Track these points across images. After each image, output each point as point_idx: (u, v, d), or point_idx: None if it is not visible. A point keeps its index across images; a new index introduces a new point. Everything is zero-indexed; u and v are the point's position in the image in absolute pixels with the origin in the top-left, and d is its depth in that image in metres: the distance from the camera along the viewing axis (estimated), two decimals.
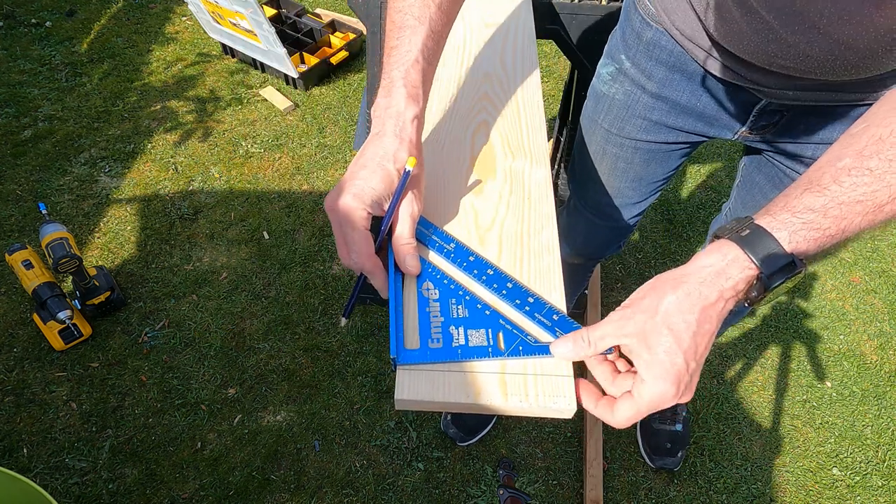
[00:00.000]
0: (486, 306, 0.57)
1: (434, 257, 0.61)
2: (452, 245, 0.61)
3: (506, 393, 0.51)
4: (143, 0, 2.75)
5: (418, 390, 0.51)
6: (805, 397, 1.69)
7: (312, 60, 2.39)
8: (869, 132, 0.46)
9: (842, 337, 1.82)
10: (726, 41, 0.70)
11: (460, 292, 0.58)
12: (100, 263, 1.80)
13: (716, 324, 0.48)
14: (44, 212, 1.63)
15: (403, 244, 0.57)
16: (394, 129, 0.57)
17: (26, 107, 2.22)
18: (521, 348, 0.54)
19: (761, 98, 0.77)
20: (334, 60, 2.44)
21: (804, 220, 0.46)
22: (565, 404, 0.51)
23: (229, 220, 1.95)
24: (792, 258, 0.46)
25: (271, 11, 2.55)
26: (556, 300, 0.58)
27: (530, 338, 0.55)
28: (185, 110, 2.29)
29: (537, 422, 1.59)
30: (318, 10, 2.71)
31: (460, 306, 0.57)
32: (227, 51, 2.52)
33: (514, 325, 0.56)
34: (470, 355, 0.53)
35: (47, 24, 2.56)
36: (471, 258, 0.60)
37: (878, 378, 1.73)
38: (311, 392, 1.60)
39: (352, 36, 2.52)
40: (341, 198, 0.55)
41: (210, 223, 1.94)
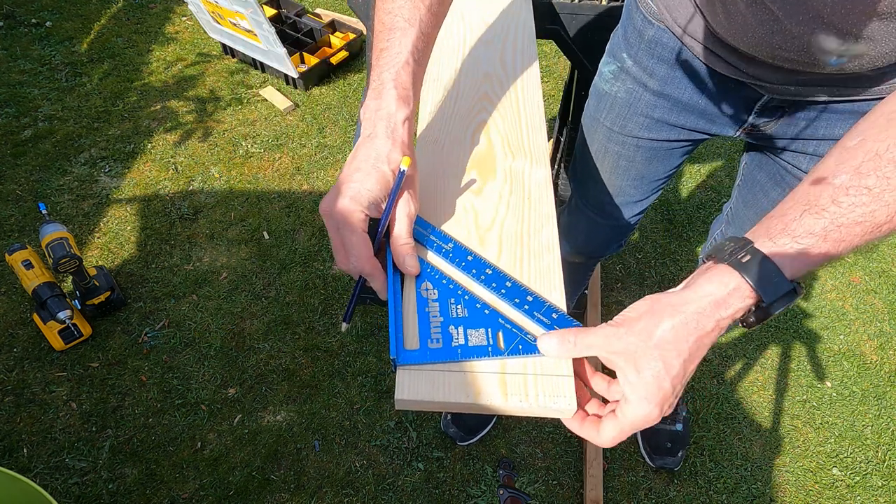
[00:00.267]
0: (486, 306, 0.57)
1: (432, 257, 0.61)
2: (451, 245, 0.61)
3: (506, 393, 0.51)
4: (143, 0, 2.75)
5: (418, 390, 0.51)
6: (805, 397, 1.69)
7: (312, 60, 2.39)
8: (865, 147, 0.46)
9: (842, 337, 1.82)
10: (730, 35, 0.70)
11: (459, 292, 0.58)
12: (100, 263, 1.80)
13: (706, 350, 0.48)
14: (44, 212, 1.63)
15: (402, 244, 0.57)
16: (385, 131, 0.57)
17: (26, 107, 2.22)
18: (520, 347, 0.54)
19: (763, 94, 0.77)
20: (334, 60, 2.44)
21: (804, 245, 0.45)
22: (565, 404, 0.51)
23: (229, 220, 1.95)
24: (794, 286, 0.46)
25: (271, 11, 2.55)
26: (557, 300, 0.58)
27: (530, 336, 0.55)
28: (185, 110, 2.29)
29: (537, 422, 1.59)
30: (318, 10, 2.71)
31: (459, 306, 0.56)
32: (227, 51, 2.52)
33: (514, 324, 0.56)
34: (470, 355, 0.53)
35: (47, 24, 2.56)
36: (469, 258, 0.60)
37: (878, 378, 1.73)
38: (311, 392, 1.60)
39: (352, 36, 2.52)
40: (338, 201, 0.54)
41: (210, 223, 1.94)
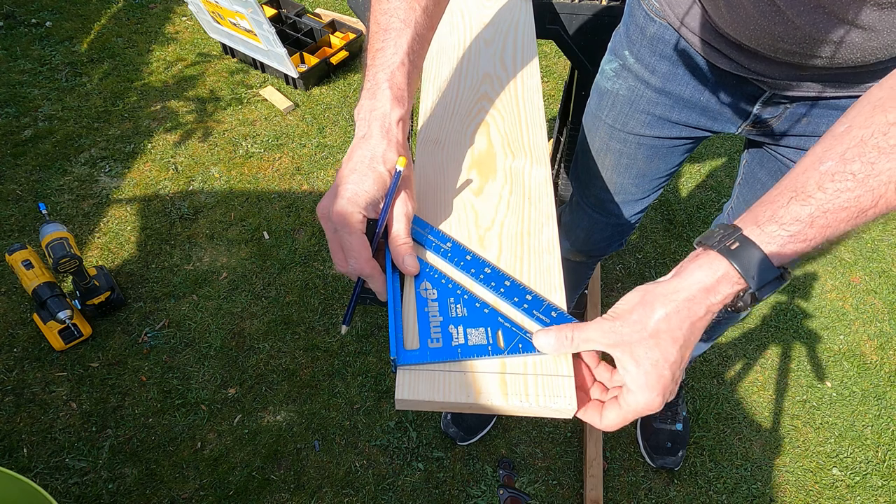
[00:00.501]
0: (485, 305, 0.57)
1: (431, 257, 0.61)
2: (449, 244, 0.61)
3: (506, 393, 0.51)
4: (143, 0, 2.75)
5: (418, 390, 0.51)
6: (805, 397, 1.69)
7: (312, 60, 2.39)
8: (851, 133, 0.46)
9: (842, 337, 1.81)
10: (732, 27, 0.70)
11: (458, 291, 0.58)
12: (100, 263, 1.80)
13: (700, 334, 0.49)
14: (44, 212, 1.63)
15: (401, 244, 0.57)
16: (380, 131, 0.56)
17: (26, 107, 2.22)
18: (520, 346, 0.54)
19: (765, 90, 0.77)
20: (334, 60, 2.44)
21: (791, 231, 0.46)
22: (565, 404, 0.51)
23: (229, 220, 1.95)
24: (781, 272, 0.47)
25: (271, 11, 2.55)
26: (557, 300, 0.58)
27: (529, 335, 0.55)
28: (185, 110, 2.29)
29: (537, 422, 1.59)
30: (318, 10, 2.71)
31: (459, 305, 0.57)
32: (227, 51, 2.52)
33: (514, 322, 0.56)
34: (470, 354, 0.53)
35: (47, 24, 2.56)
36: (468, 257, 0.60)
37: (878, 378, 1.73)
38: (311, 392, 1.60)
39: (352, 36, 2.52)
40: (335, 203, 0.54)
41: (210, 223, 1.94)
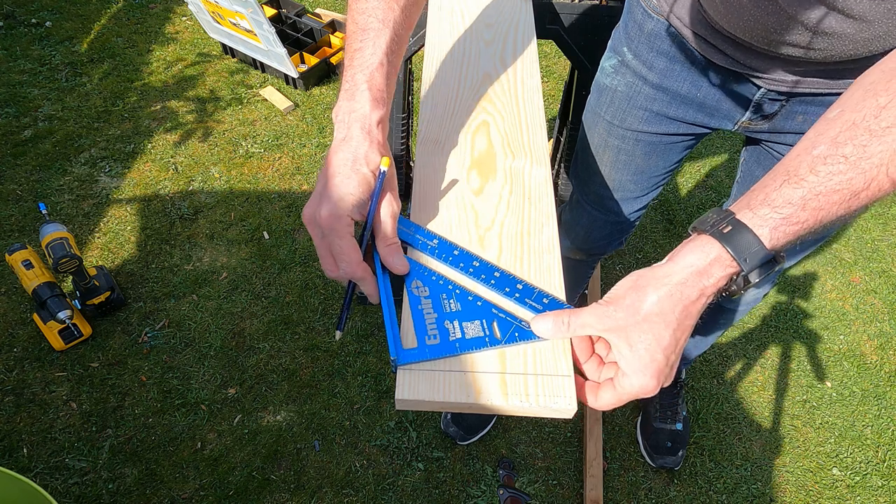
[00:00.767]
0: (478, 298, 0.57)
1: (419, 255, 0.61)
2: (435, 241, 0.61)
3: (506, 393, 0.51)
4: (143, 0, 2.75)
5: (418, 390, 0.51)
6: (805, 397, 1.69)
7: (312, 60, 2.39)
8: (843, 117, 0.47)
9: (842, 337, 1.82)
10: (726, 20, 0.71)
11: (450, 287, 0.58)
12: (100, 263, 1.80)
13: (695, 318, 0.49)
14: (44, 212, 1.63)
15: (389, 244, 0.57)
16: (361, 133, 0.56)
17: (26, 107, 2.22)
18: (517, 335, 0.55)
19: (760, 86, 0.78)
20: (334, 60, 2.44)
21: (784, 214, 0.46)
22: (565, 404, 0.51)
23: (229, 220, 1.95)
24: (773, 255, 0.47)
25: (271, 11, 2.55)
26: None
27: (524, 323, 0.55)
28: (185, 110, 2.29)
29: (537, 422, 1.59)
30: (318, 10, 2.71)
31: (452, 300, 0.57)
32: (227, 51, 2.52)
33: (507, 312, 0.56)
34: (468, 347, 0.54)
35: (47, 24, 2.56)
36: (455, 252, 0.60)
37: (878, 378, 1.73)
38: (311, 392, 1.60)
39: None
40: (321, 208, 0.54)
41: (210, 223, 1.94)
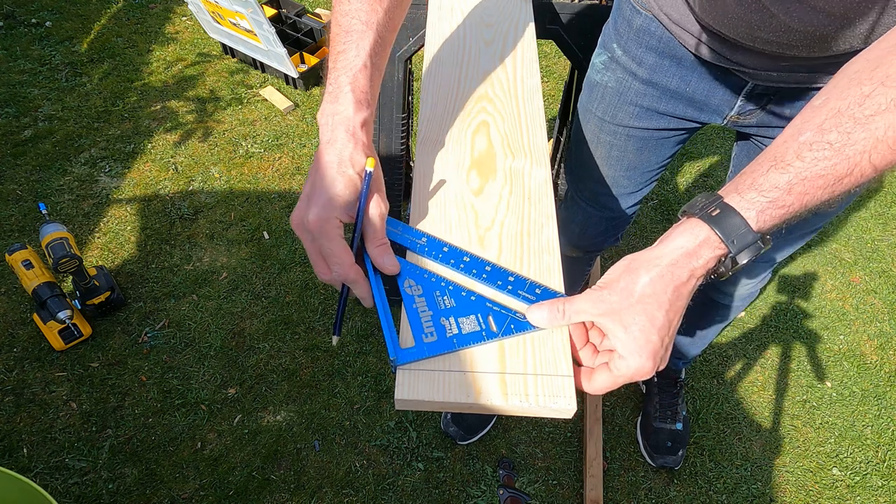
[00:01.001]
0: (471, 293, 0.58)
1: (409, 254, 0.61)
2: (424, 239, 0.62)
3: (506, 393, 0.51)
4: (143, 0, 2.75)
5: (418, 390, 0.51)
6: (805, 397, 1.69)
7: (312, 60, 2.39)
8: (828, 105, 0.48)
9: (842, 337, 1.82)
10: (711, 17, 0.72)
11: (443, 284, 0.58)
12: (100, 263, 1.80)
13: (686, 299, 0.51)
14: (44, 212, 1.63)
15: (379, 245, 0.57)
16: (345, 135, 0.56)
17: (26, 107, 2.22)
18: (512, 326, 0.55)
19: (748, 81, 0.79)
20: None
21: (770, 198, 0.48)
22: (565, 404, 0.51)
23: (229, 220, 1.95)
24: (759, 237, 0.48)
25: (271, 11, 2.55)
26: None
27: (519, 315, 0.56)
28: (185, 110, 2.29)
29: (537, 422, 1.59)
30: (318, 10, 2.71)
31: (446, 297, 0.57)
32: (227, 51, 2.52)
33: (501, 305, 0.57)
34: (466, 342, 0.54)
35: (47, 24, 2.56)
36: (445, 249, 0.61)
37: (878, 378, 1.73)
38: (311, 392, 1.60)
39: None
40: (310, 212, 0.54)
41: (210, 223, 1.94)
